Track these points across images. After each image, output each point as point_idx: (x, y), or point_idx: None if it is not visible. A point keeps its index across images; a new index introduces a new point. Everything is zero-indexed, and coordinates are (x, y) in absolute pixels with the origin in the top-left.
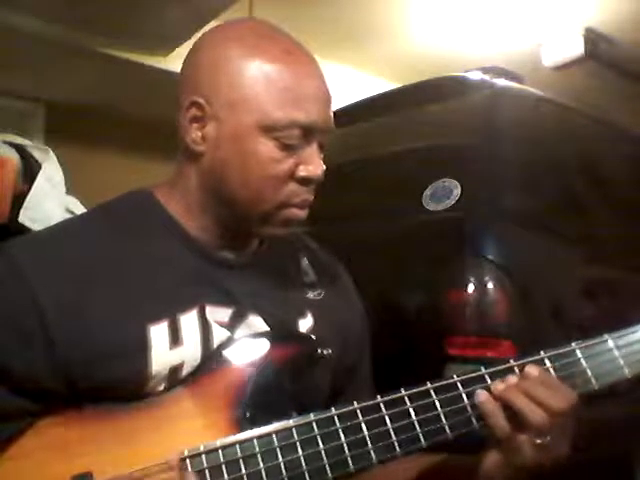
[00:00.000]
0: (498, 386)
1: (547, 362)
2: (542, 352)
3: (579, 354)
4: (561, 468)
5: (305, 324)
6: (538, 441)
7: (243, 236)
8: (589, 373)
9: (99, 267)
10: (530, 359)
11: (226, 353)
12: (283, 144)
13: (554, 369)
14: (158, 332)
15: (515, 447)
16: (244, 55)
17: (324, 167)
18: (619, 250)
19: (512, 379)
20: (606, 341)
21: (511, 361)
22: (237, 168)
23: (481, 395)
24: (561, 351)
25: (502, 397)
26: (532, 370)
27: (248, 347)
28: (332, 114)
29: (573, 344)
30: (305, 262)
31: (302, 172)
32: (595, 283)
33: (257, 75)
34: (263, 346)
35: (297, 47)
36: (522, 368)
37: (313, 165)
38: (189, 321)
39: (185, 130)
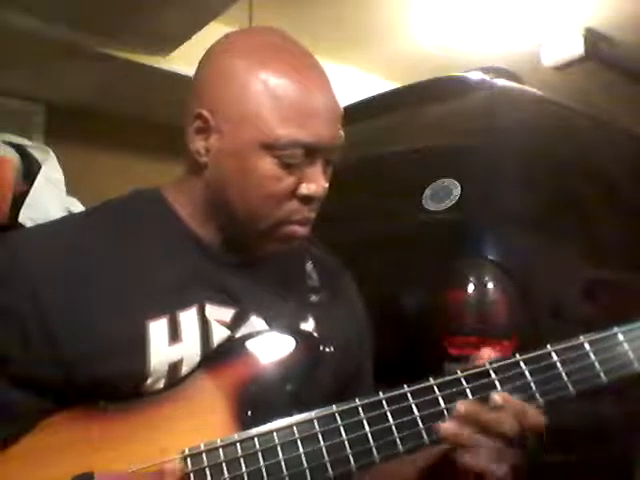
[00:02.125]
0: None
1: (554, 355)
2: (549, 346)
3: (587, 347)
4: (562, 469)
5: (306, 327)
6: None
7: (247, 243)
8: (597, 367)
9: (102, 263)
10: (536, 353)
11: (226, 352)
12: (284, 162)
13: (561, 363)
14: (157, 328)
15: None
16: (249, 69)
17: (326, 185)
18: (619, 250)
19: (460, 410)
20: (615, 334)
21: (517, 355)
22: (237, 183)
23: (449, 427)
24: (568, 345)
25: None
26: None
27: (249, 345)
28: (340, 130)
29: (581, 337)
30: (309, 266)
31: (303, 190)
32: (595, 283)
33: (261, 91)
34: (264, 344)
35: (306, 60)
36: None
37: (315, 184)
38: (188, 318)
39: (190, 140)
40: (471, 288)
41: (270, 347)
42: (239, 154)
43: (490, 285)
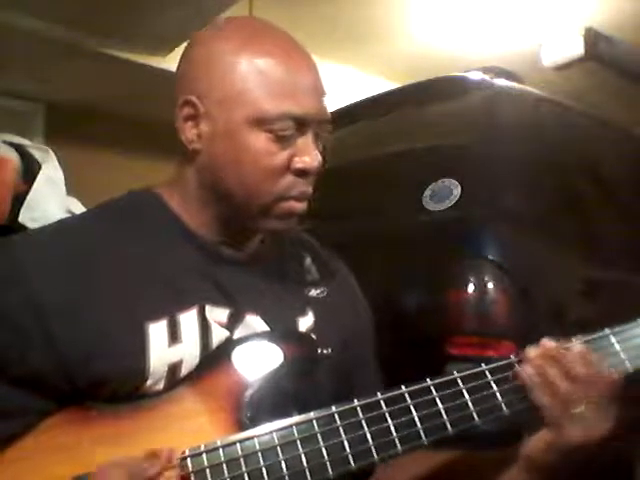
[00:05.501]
0: (532, 352)
1: None
2: None
3: None
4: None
5: (305, 322)
6: (573, 411)
7: (244, 232)
8: None
9: (100, 264)
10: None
11: (226, 353)
12: (276, 136)
13: None
14: (157, 330)
15: (556, 423)
16: (235, 51)
17: (320, 158)
18: (619, 250)
19: (547, 344)
20: (607, 336)
21: (512, 357)
22: (232, 164)
23: (526, 369)
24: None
25: (535, 363)
26: (573, 345)
27: (248, 347)
28: (326, 105)
29: (573, 339)
30: (308, 260)
31: (298, 164)
32: (595, 283)
33: (248, 69)
34: (263, 346)
35: (289, 41)
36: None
37: (309, 156)
38: (188, 320)
39: (180, 129)
40: (471, 288)
41: (268, 349)
42: (231, 134)
43: (490, 285)
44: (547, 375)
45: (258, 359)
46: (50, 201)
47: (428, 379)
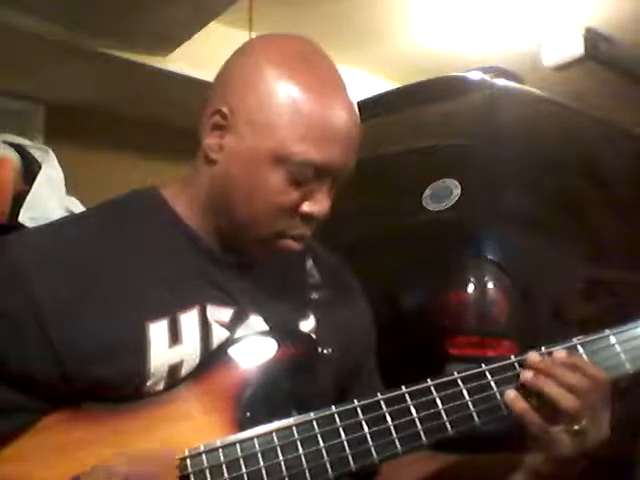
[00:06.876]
0: (527, 374)
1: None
2: (543, 348)
3: (580, 350)
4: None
5: (307, 325)
6: (575, 427)
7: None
8: None
9: (100, 264)
10: (530, 353)
11: (226, 353)
12: (294, 178)
13: None
14: (157, 330)
15: (553, 439)
16: (278, 77)
17: (328, 206)
18: (619, 250)
19: (540, 364)
20: (608, 337)
21: (512, 357)
22: (244, 188)
23: (510, 394)
24: (561, 347)
25: (532, 385)
26: (560, 354)
27: (248, 347)
28: (353, 154)
29: (574, 339)
30: (310, 264)
31: (306, 208)
32: (595, 283)
33: (285, 103)
34: (263, 345)
35: (335, 80)
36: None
37: (319, 205)
38: (189, 320)
39: (205, 133)
40: (471, 288)
41: (268, 348)
42: (252, 160)
43: (490, 285)
44: (548, 394)
45: (257, 358)
46: (50, 201)
47: (428, 379)
